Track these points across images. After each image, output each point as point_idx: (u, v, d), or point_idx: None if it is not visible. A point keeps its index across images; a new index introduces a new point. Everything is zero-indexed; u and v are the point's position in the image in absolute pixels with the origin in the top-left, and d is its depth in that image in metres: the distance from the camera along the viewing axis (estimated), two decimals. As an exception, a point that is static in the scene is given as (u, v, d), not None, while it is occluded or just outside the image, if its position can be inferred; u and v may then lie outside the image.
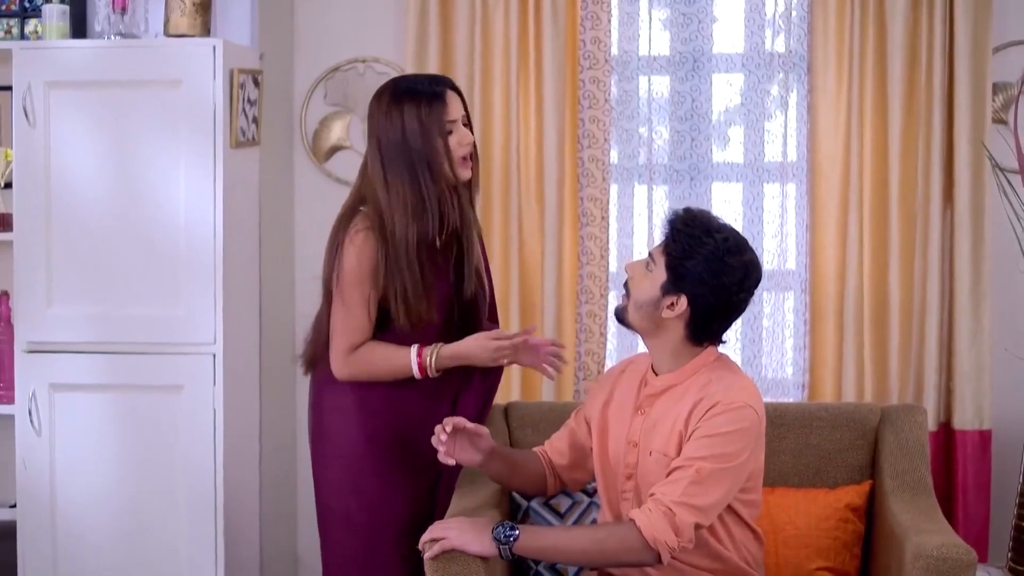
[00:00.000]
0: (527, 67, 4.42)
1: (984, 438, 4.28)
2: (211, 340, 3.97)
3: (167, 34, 4.02)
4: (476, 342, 3.40)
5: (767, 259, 4.43)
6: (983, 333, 4.28)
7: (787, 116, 4.42)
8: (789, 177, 4.43)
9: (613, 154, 4.47)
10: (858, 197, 4.32)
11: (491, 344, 3.39)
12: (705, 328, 3.07)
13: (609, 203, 4.45)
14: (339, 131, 4.59)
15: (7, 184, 4.18)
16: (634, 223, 4.50)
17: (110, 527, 4.05)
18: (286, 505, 4.64)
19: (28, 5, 4.27)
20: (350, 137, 4.58)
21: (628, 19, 4.44)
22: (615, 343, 4.49)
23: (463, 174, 3.40)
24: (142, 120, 3.95)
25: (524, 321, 4.42)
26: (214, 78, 3.93)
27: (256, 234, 4.31)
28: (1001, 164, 4.14)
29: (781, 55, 4.41)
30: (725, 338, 3.15)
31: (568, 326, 4.44)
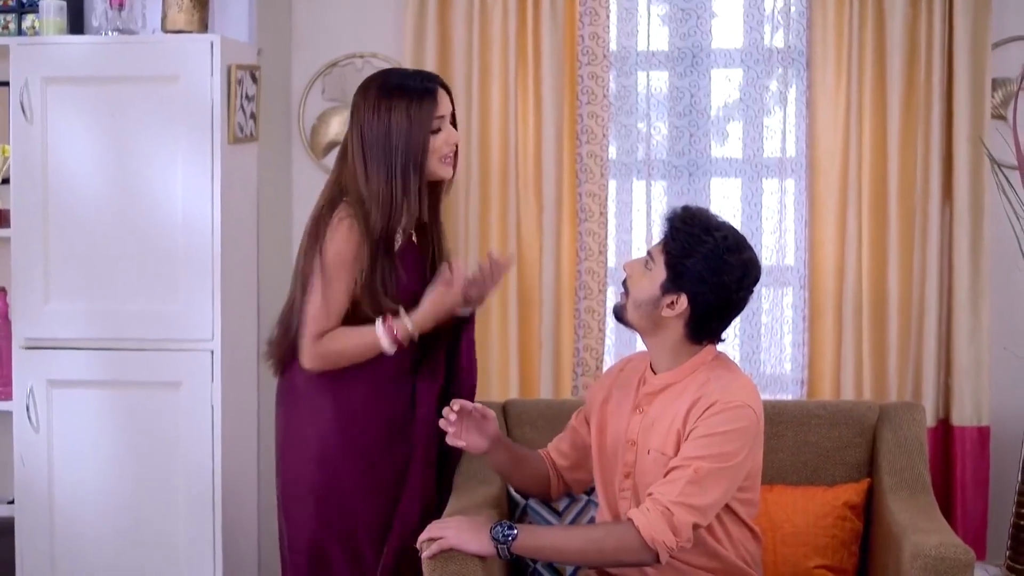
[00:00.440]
0: (525, 62, 4.41)
1: (983, 434, 4.28)
2: (209, 336, 3.97)
3: (165, 30, 4.01)
4: (437, 297, 3.36)
5: (766, 255, 4.43)
6: (982, 329, 4.28)
7: (786, 112, 4.42)
8: (788, 173, 4.43)
9: (611, 150, 4.47)
10: (857, 193, 4.31)
11: (448, 292, 3.35)
12: (704, 327, 3.07)
13: (607, 199, 4.45)
14: (337, 126, 4.58)
15: (4, 180, 4.17)
16: (632, 219, 4.49)
17: (108, 523, 4.05)
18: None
19: (25, 1, 4.26)
20: (348, 132, 4.57)
21: (627, 14, 4.43)
22: (613, 339, 4.49)
23: (445, 171, 3.40)
24: (140, 116, 3.95)
25: (521, 317, 4.42)
26: (212, 74, 3.93)
27: (254, 230, 4.31)
28: (1000, 160, 4.14)
29: (780, 51, 4.41)
30: (724, 336, 3.14)
31: (566, 322, 4.44)
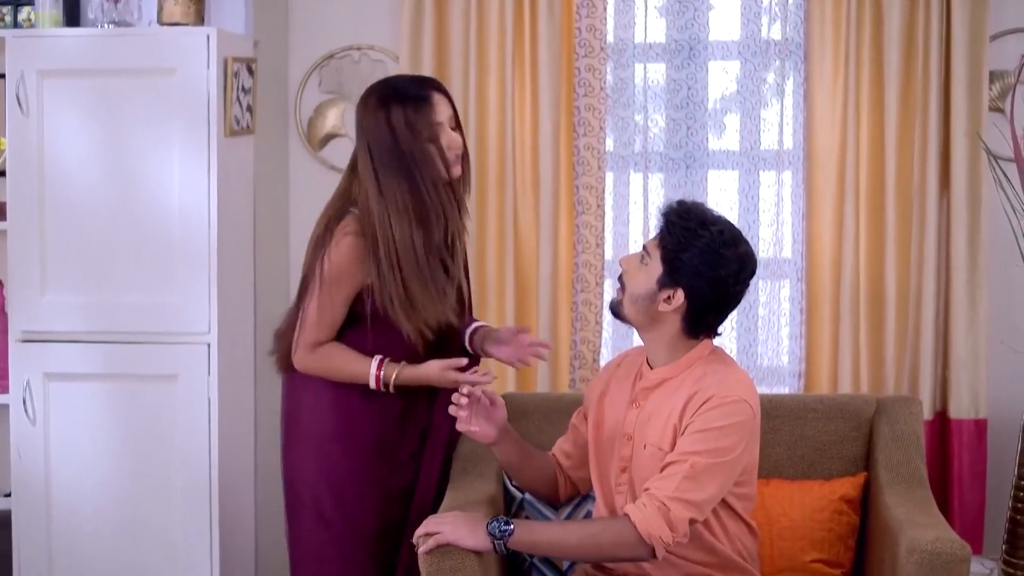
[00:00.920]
0: (522, 55, 4.40)
1: (980, 427, 4.28)
2: (205, 329, 3.97)
3: (161, 22, 4.01)
4: (436, 371, 3.36)
5: (763, 247, 4.43)
6: (979, 322, 4.27)
7: (783, 104, 4.40)
8: (785, 165, 4.42)
9: (609, 142, 4.45)
10: (854, 185, 4.31)
11: (449, 376, 3.35)
12: (701, 321, 3.07)
13: (605, 191, 4.43)
14: (334, 119, 4.57)
15: (0, 173, 4.17)
16: (630, 211, 4.48)
17: (105, 516, 4.06)
18: (281, 494, 4.62)
19: (21, -7, 4.26)
20: (345, 125, 4.56)
21: (624, 6, 4.41)
22: (610, 332, 4.48)
23: (454, 171, 3.39)
24: (136, 109, 3.94)
25: (519, 310, 4.41)
26: (208, 67, 3.92)
27: (251, 223, 4.31)
28: (996, 153, 4.13)
29: (777, 43, 4.39)
30: (721, 331, 3.14)
31: (563, 315, 4.44)
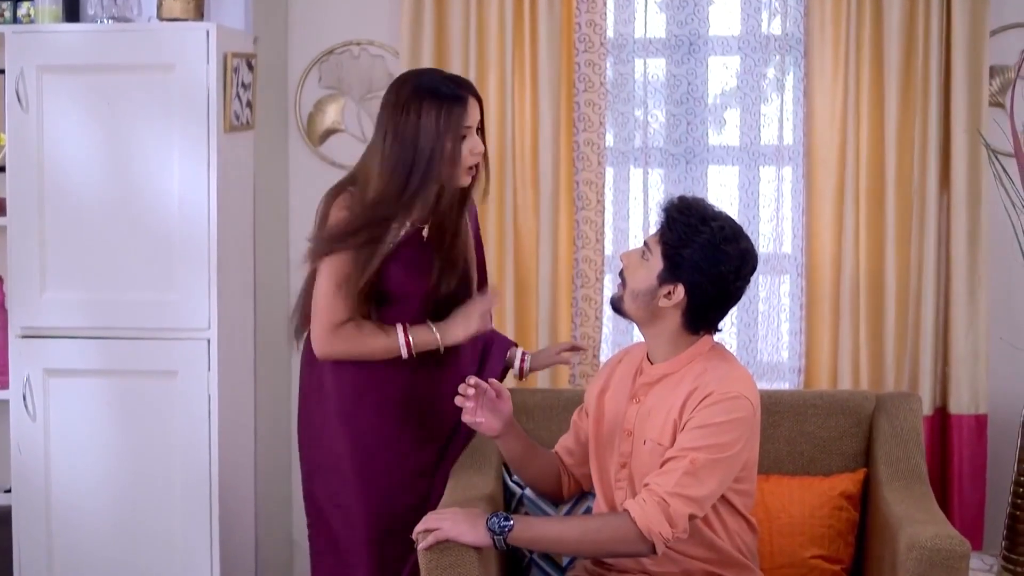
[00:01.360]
0: (522, 50, 4.40)
1: (980, 422, 4.29)
2: (205, 325, 3.97)
3: (160, 18, 4.00)
4: (459, 321, 3.42)
5: (763, 243, 4.43)
6: (979, 318, 4.27)
7: (783, 99, 4.41)
8: (785, 160, 4.42)
9: (609, 137, 4.46)
10: (854, 181, 4.31)
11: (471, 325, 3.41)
12: (702, 317, 3.07)
13: (605, 187, 4.45)
14: (334, 114, 4.57)
15: (0, 169, 4.17)
16: (630, 207, 4.49)
17: (105, 512, 4.05)
18: (281, 489, 4.64)
19: (20, -12, 4.26)
20: (345, 120, 4.56)
21: (624, 1, 4.42)
22: (610, 327, 4.49)
23: (463, 180, 3.38)
24: (135, 105, 3.93)
25: (519, 306, 4.41)
26: (208, 62, 3.91)
27: (250, 219, 4.30)
28: (997, 148, 4.13)
29: (777, 38, 4.40)
30: (721, 327, 3.14)
31: (563, 310, 4.44)
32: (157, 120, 3.93)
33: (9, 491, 4.16)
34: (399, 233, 3.37)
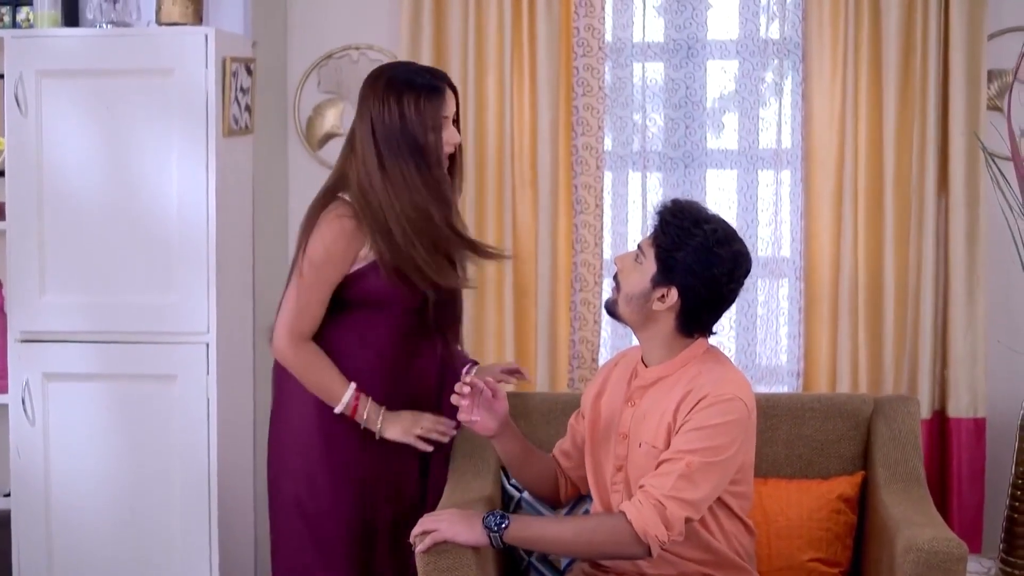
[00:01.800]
0: (521, 54, 4.40)
1: (978, 426, 4.28)
2: (204, 329, 3.98)
3: (159, 22, 4.01)
4: (407, 418, 3.42)
5: (761, 246, 4.43)
6: (977, 321, 4.27)
7: (782, 103, 4.41)
8: (784, 164, 4.42)
9: (607, 141, 4.46)
10: (853, 184, 4.31)
11: (415, 427, 3.42)
12: (696, 319, 3.07)
13: (603, 191, 4.44)
14: (333, 118, 4.57)
15: (0, 173, 4.18)
16: (628, 211, 4.49)
17: (104, 516, 4.06)
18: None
19: (19, -7, 4.26)
20: (344, 124, 4.56)
21: (622, 6, 4.42)
22: (609, 331, 4.49)
23: (444, 167, 3.40)
24: (134, 109, 3.95)
25: (517, 310, 4.41)
26: (206, 66, 3.92)
27: (249, 223, 4.31)
28: (995, 151, 4.13)
29: (776, 42, 4.40)
30: (715, 329, 3.14)
31: (562, 314, 4.44)
32: (156, 124, 3.94)
33: (8, 495, 4.17)
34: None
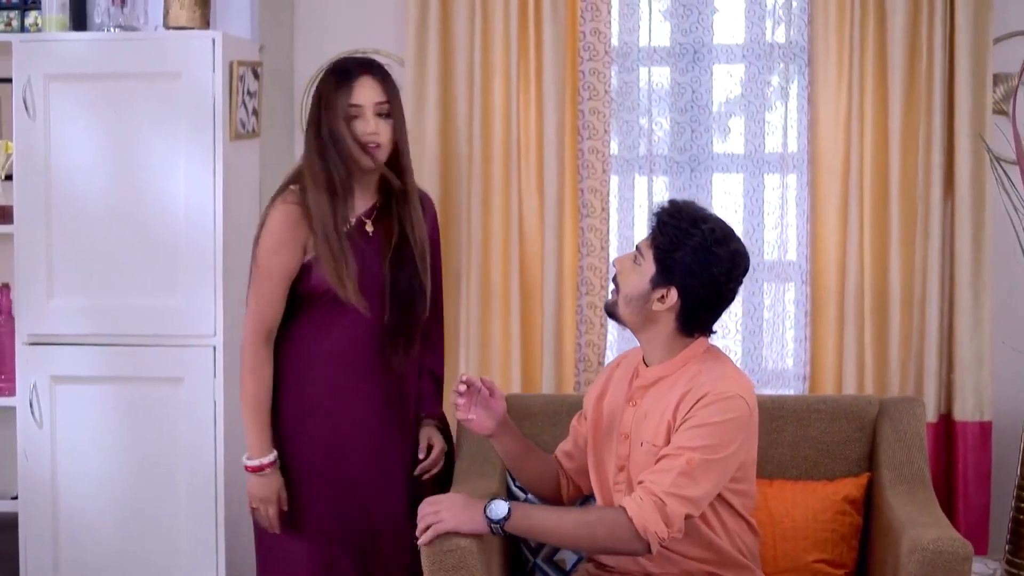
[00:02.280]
0: (527, 58, 4.41)
1: (984, 430, 4.28)
2: (211, 332, 3.98)
3: (167, 26, 4.02)
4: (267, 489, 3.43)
5: (767, 250, 4.44)
6: (983, 324, 4.27)
7: (787, 107, 4.42)
8: (790, 168, 4.43)
9: (613, 145, 4.47)
10: (858, 188, 4.31)
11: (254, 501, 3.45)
12: (695, 319, 3.07)
13: (609, 194, 4.46)
14: (339, 123, 4.58)
15: (7, 177, 4.19)
16: (634, 214, 4.50)
17: (111, 518, 4.06)
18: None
19: (28, -2, 4.28)
20: (350, 129, 4.57)
21: (628, 10, 4.43)
22: (615, 335, 4.49)
23: (363, 161, 3.35)
24: (142, 112, 3.96)
25: (523, 313, 4.42)
26: (214, 70, 3.93)
27: (256, 226, 4.31)
28: (1000, 155, 4.13)
29: (781, 46, 4.41)
30: (715, 329, 3.14)
31: (568, 317, 4.45)
32: (163, 128, 3.95)
33: (16, 498, 4.18)
34: (344, 227, 3.36)
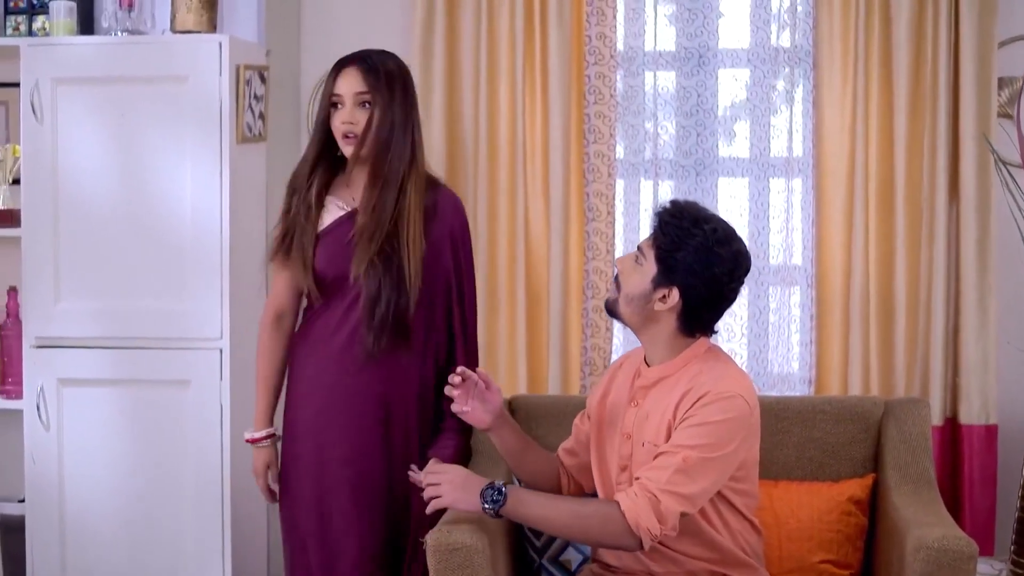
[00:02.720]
0: (533, 63, 4.42)
1: (990, 433, 4.28)
2: (218, 335, 4.00)
3: (174, 30, 4.04)
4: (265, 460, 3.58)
5: (773, 254, 4.44)
6: (989, 328, 4.27)
7: (793, 111, 4.42)
8: (795, 172, 4.43)
9: (619, 149, 4.48)
10: (864, 192, 4.31)
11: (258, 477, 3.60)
12: (697, 319, 3.07)
13: (615, 198, 4.46)
14: (346, 127, 4.59)
15: (15, 180, 4.21)
16: (640, 218, 4.50)
17: (118, 521, 4.08)
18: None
19: (36, 2, 4.30)
20: (356, 133, 4.58)
21: (634, 14, 4.44)
22: (621, 338, 4.50)
23: (345, 149, 3.41)
24: (149, 116, 3.98)
25: (530, 316, 4.42)
26: (220, 74, 3.95)
27: (263, 230, 4.32)
28: (1006, 159, 4.14)
29: (787, 50, 4.41)
30: (717, 329, 3.14)
31: (574, 321, 4.45)
32: (170, 131, 3.97)
33: (23, 501, 4.19)
34: (334, 214, 3.44)
